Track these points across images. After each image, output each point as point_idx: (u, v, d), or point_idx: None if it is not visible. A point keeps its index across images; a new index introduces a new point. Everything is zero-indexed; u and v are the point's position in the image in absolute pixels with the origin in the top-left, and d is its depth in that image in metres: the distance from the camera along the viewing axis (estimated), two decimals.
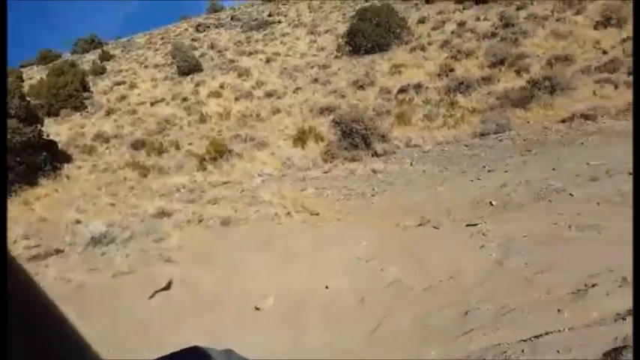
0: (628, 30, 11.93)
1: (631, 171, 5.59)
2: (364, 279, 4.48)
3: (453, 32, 17.27)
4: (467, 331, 3.18)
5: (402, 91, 13.31)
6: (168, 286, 5.17)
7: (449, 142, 9.52)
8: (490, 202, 6.11)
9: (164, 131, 14.78)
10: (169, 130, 14.88)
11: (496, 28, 16.31)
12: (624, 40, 11.91)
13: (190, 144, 13.01)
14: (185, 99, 17.91)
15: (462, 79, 12.52)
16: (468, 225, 5.42)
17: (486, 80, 12.53)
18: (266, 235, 6.23)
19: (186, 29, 35.26)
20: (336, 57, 19.26)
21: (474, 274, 4.13)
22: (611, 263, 3.47)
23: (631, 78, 9.53)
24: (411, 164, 8.86)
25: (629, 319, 2.76)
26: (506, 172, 7.32)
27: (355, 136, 10.08)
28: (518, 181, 6.65)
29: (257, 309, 4.43)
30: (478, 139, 9.30)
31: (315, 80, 16.76)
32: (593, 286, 3.26)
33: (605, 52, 11.84)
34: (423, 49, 16.16)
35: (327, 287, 4.51)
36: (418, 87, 13.32)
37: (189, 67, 21.72)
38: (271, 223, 6.72)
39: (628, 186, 4.99)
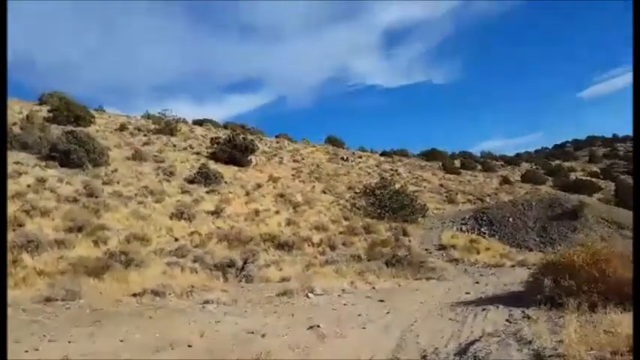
0: (195, 225, 15.32)
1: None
2: None
3: (29, 186, 16.58)
4: None
5: None
6: None
7: None
8: None
9: None
10: None
11: (79, 195, 16.96)
12: (192, 233, 15.09)
13: None
14: None
15: (32, 237, 11.83)
16: None
17: (60, 243, 12.38)
18: None
19: None
20: None
21: None
22: None
23: (195, 264, 12.00)
24: None
25: None
26: (70, 342, 7.10)
27: None
28: (81, 354, 6.59)
29: None
30: (42, 304, 8.68)
31: None
32: None
33: (177, 240, 14.45)
34: None
35: None
36: None
37: None
38: None
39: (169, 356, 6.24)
